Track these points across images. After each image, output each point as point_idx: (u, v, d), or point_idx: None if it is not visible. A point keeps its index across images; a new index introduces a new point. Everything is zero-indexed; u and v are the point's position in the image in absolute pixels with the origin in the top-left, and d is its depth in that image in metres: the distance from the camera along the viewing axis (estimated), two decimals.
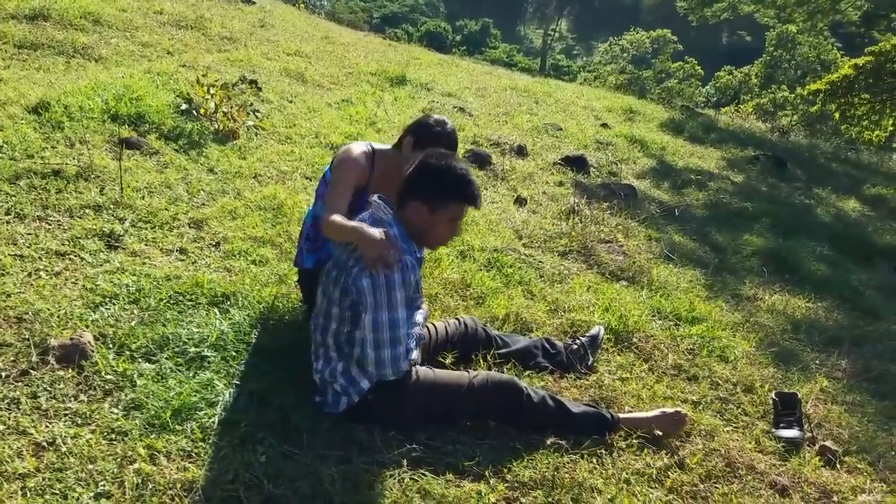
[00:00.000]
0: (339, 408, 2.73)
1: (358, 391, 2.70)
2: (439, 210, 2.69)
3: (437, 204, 2.68)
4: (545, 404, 2.90)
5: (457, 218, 2.76)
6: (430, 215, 2.69)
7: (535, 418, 2.88)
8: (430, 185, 2.68)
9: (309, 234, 3.31)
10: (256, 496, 2.29)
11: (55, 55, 6.40)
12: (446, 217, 2.72)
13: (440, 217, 2.70)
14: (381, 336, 2.58)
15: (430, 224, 2.71)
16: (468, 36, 70.48)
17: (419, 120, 3.24)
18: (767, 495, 2.82)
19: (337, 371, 2.71)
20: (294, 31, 11.32)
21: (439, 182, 2.67)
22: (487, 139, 7.24)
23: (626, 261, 4.95)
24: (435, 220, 2.70)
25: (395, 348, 2.60)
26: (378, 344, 2.59)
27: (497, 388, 2.85)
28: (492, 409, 2.87)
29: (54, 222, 3.58)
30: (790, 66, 42.43)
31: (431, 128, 3.14)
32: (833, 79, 16.29)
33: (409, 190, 2.71)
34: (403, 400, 2.74)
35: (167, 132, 5.00)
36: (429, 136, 3.11)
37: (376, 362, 2.60)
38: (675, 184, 7.56)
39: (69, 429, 2.39)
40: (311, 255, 3.29)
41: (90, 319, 2.91)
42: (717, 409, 3.42)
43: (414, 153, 3.06)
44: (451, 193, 2.69)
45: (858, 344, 4.53)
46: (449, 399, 2.81)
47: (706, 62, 49.47)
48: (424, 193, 2.68)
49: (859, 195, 9.11)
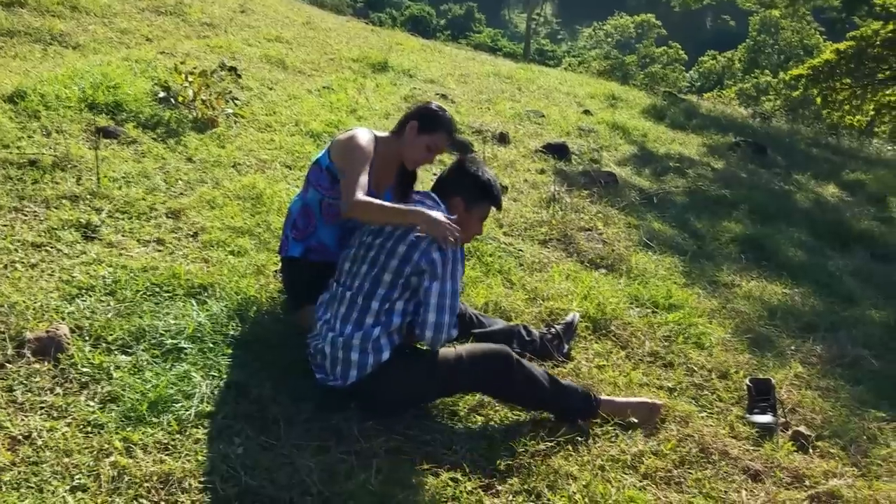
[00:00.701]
0: (347, 380, 2.75)
1: (376, 361, 2.73)
2: (474, 208, 3.02)
3: (474, 202, 3.01)
4: (534, 372, 2.95)
5: (485, 217, 3.10)
6: (465, 211, 2.97)
7: (525, 387, 2.92)
8: (469, 185, 3.00)
9: (296, 223, 3.28)
10: (233, 488, 2.30)
11: (32, 42, 6.33)
12: (478, 215, 3.05)
13: (474, 214, 3.03)
14: (444, 302, 2.75)
15: (465, 219, 2.95)
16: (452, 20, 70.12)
17: (421, 107, 3.28)
18: (740, 480, 2.86)
19: (370, 337, 2.73)
20: (275, 16, 11.22)
21: (477, 183, 3.00)
22: (469, 126, 7.23)
23: (606, 249, 4.99)
24: (469, 216, 2.99)
25: (453, 315, 2.79)
26: (440, 309, 2.75)
27: (486, 355, 2.89)
28: (482, 378, 2.90)
29: (30, 213, 3.56)
30: (773, 50, 42.61)
31: (436, 113, 3.21)
32: (815, 63, 16.39)
33: (449, 186, 3.02)
34: (405, 379, 2.78)
35: (145, 121, 4.97)
36: (434, 121, 3.19)
37: (435, 325, 2.74)
38: (655, 171, 7.59)
39: (45, 422, 2.39)
40: (300, 243, 3.27)
41: (66, 312, 2.90)
42: (693, 395, 3.46)
43: (419, 137, 3.17)
44: (485, 194, 3.02)
45: (833, 329, 4.58)
46: (441, 372, 2.84)
47: (690, 47, 49.54)
48: (463, 191, 2.99)
49: (838, 181, 9.17)
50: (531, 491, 2.58)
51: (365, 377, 2.74)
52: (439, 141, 3.22)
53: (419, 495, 2.45)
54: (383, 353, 2.74)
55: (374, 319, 2.75)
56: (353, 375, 2.74)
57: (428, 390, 2.90)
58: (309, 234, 3.26)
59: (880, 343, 4.48)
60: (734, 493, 2.77)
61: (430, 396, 2.95)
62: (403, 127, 3.20)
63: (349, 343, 2.73)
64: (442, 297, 2.75)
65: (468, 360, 2.85)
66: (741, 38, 46.14)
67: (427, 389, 2.89)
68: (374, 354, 2.73)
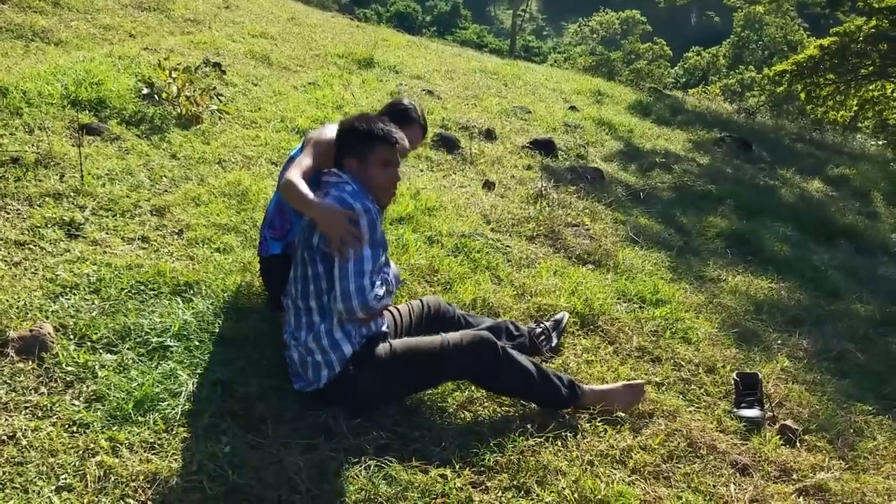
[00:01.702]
0: (320, 382, 2.73)
1: (340, 357, 2.71)
2: (367, 158, 2.84)
3: (363, 153, 2.84)
4: (520, 359, 2.94)
5: (388, 161, 2.88)
6: (361, 166, 2.84)
7: (511, 376, 2.92)
8: (350, 141, 2.86)
9: (273, 222, 3.27)
10: (220, 486, 2.28)
11: (13, 39, 6.27)
12: (375, 162, 2.84)
13: (371, 163, 2.84)
14: (345, 267, 2.65)
15: (367, 173, 2.84)
16: (438, 16, 70.01)
17: (391, 103, 3.30)
18: (728, 474, 2.87)
19: (321, 333, 2.71)
20: (259, 12, 11.15)
21: (356, 134, 2.86)
22: (456, 122, 7.22)
23: (593, 244, 4.99)
24: (367, 167, 2.84)
25: (361, 279, 2.66)
26: (344, 275, 2.65)
27: (472, 343, 2.88)
28: (468, 365, 2.89)
29: (13, 211, 3.52)
30: (757, 46, 42.85)
31: (406, 109, 3.22)
32: (799, 59, 16.45)
33: (338, 153, 2.89)
34: (384, 371, 2.76)
35: (128, 117, 4.92)
36: (402, 118, 3.18)
37: (342, 294, 2.64)
38: (641, 166, 7.61)
39: (30, 422, 2.36)
40: (278, 242, 3.26)
41: (50, 310, 2.87)
42: (680, 389, 3.47)
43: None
44: (368, 138, 2.85)
45: (819, 323, 4.62)
46: (428, 363, 2.84)
47: (675, 43, 49.70)
48: (349, 149, 2.86)
49: (823, 176, 9.24)
50: (520, 487, 2.58)
51: (339, 375, 2.73)
52: (412, 135, 3.22)
53: (408, 492, 2.44)
54: (343, 348, 2.73)
55: (319, 316, 2.74)
56: (325, 376, 2.73)
57: (411, 380, 2.88)
58: (286, 232, 3.25)
59: (865, 337, 4.52)
60: (722, 487, 2.78)
61: (415, 387, 2.93)
62: None
63: (309, 347, 2.73)
64: (357, 263, 2.66)
65: (454, 348, 2.84)
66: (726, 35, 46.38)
67: (410, 380, 2.87)
68: (335, 351, 2.72)
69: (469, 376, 2.98)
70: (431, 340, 2.88)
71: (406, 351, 2.84)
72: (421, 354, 2.84)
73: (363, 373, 2.74)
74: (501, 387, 3.00)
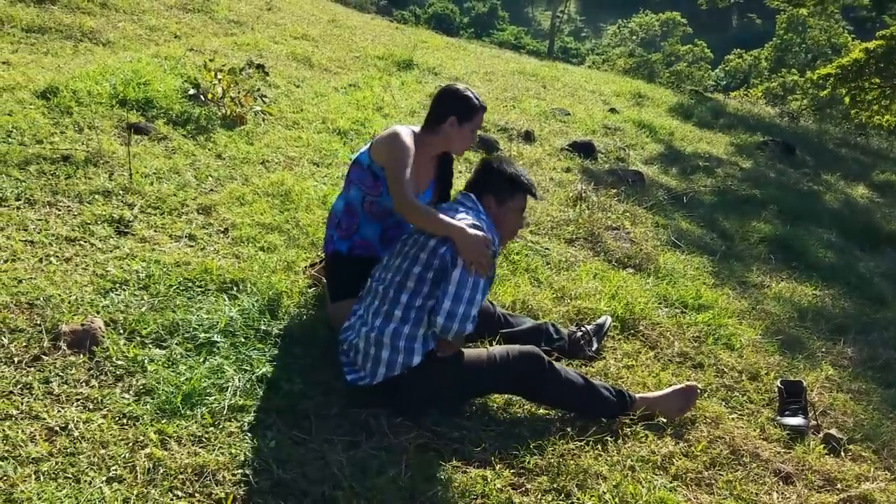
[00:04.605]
0: (375, 377, 2.75)
1: (406, 362, 2.73)
2: (507, 202, 3.00)
3: (505, 197, 3.00)
4: (567, 374, 2.94)
5: (522, 210, 3.09)
6: (498, 208, 2.99)
7: (557, 389, 2.92)
8: (496, 181, 3.00)
9: (340, 223, 3.29)
10: (266, 481, 2.32)
11: (63, 39, 6.41)
12: (513, 208, 3.03)
13: (509, 208, 3.01)
14: (462, 292, 2.71)
15: (500, 215, 2.99)
16: (476, 18, 69.99)
17: (452, 97, 3.21)
18: (771, 482, 2.84)
19: (402, 333, 2.72)
20: (301, 14, 11.28)
21: (503, 177, 3.01)
22: (494, 124, 7.22)
23: (633, 248, 4.96)
24: (503, 211, 3.00)
25: (471, 308, 2.72)
26: (457, 298, 2.70)
27: (519, 358, 2.89)
28: (515, 380, 2.91)
29: (64, 208, 3.61)
30: (801, 49, 42.09)
31: (470, 101, 3.19)
32: (843, 63, 16.15)
33: (478, 187, 3.02)
34: (435, 381, 2.78)
35: (175, 117, 5.01)
36: (470, 109, 3.18)
37: (448, 313, 2.68)
38: (683, 170, 7.54)
39: (81, 414, 2.42)
40: (344, 241, 3.28)
41: (101, 305, 2.94)
42: (723, 396, 3.43)
43: (462, 129, 3.17)
44: (514, 186, 3.01)
45: (865, 332, 4.54)
46: (475, 377, 2.85)
47: (716, 46, 49.11)
48: (492, 189, 3.00)
49: (868, 181, 9.06)
50: (560, 490, 2.57)
51: (393, 377, 2.74)
52: (479, 121, 3.26)
53: (448, 492, 2.46)
54: (414, 356, 2.73)
55: (402, 313, 2.74)
56: (381, 374, 2.74)
57: (459, 392, 2.90)
58: (353, 232, 3.27)
59: None
60: (765, 496, 2.75)
61: (462, 398, 2.94)
62: (439, 122, 3.18)
63: (380, 340, 2.73)
64: (461, 287, 2.70)
65: (500, 363, 2.85)
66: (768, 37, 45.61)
67: (458, 391, 2.89)
68: (405, 355, 2.73)
69: (516, 390, 2.98)
70: (478, 353, 2.89)
71: (453, 361, 2.84)
72: (467, 367, 2.84)
73: (418, 381, 2.75)
74: (549, 400, 3.00)
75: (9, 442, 2.24)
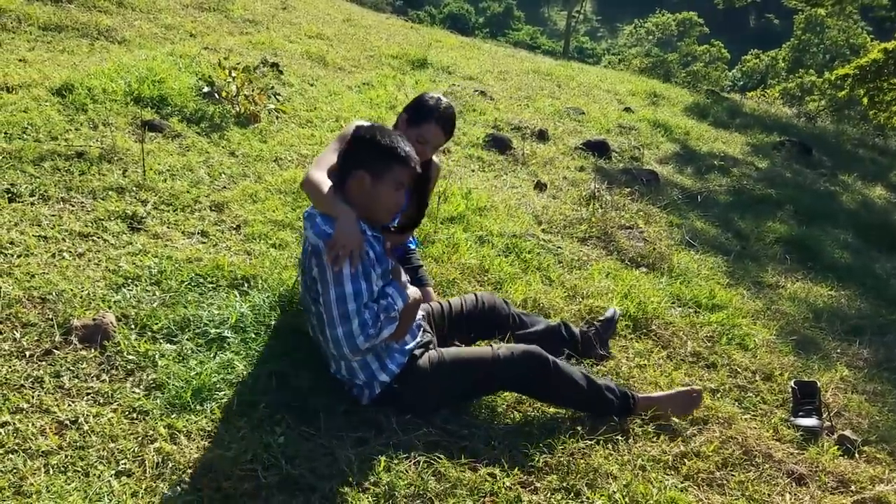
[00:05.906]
0: (363, 400, 2.75)
1: (382, 382, 2.72)
2: (384, 175, 2.64)
3: (382, 169, 2.63)
4: (571, 373, 2.92)
5: (401, 185, 2.70)
6: (372, 185, 2.64)
7: (561, 389, 2.90)
8: (369, 153, 2.64)
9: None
10: (274, 476, 2.32)
11: (79, 37, 6.46)
12: (390, 184, 2.66)
13: (385, 183, 2.65)
14: (332, 313, 2.52)
15: (375, 194, 2.66)
16: (491, 18, 69.97)
17: (416, 98, 3.23)
18: (784, 484, 2.81)
19: (354, 368, 2.70)
20: (316, 13, 11.31)
21: (377, 148, 2.64)
22: (508, 123, 7.20)
23: (647, 247, 4.93)
24: (378, 188, 2.65)
25: (348, 323, 2.51)
26: (331, 322, 2.53)
27: (523, 357, 2.86)
28: (518, 379, 2.89)
29: (78, 204, 3.63)
30: (818, 50, 41.74)
31: (426, 103, 3.14)
32: (862, 63, 15.96)
33: (349, 161, 2.67)
34: (430, 382, 2.76)
35: (189, 115, 5.04)
36: (423, 111, 3.12)
37: (333, 343, 2.54)
38: (698, 169, 7.49)
39: (91, 408, 2.43)
40: None
41: (112, 300, 2.95)
42: (736, 396, 3.40)
43: (409, 130, 3.08)
44: (392, 157, 2.64)
45: (881, 333, 4.49)
46: (478, 375, 2.83)
47: (733, 46, 48.80)
48: (367, 162, 2.64)
49: (886, 182, 8.97)
50: (570, 489, 2.56)
51: (382, 394, 2.72)
52: (427, 133, 3.12)
53: (457, 489, 2.44)
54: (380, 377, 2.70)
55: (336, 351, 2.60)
56: (368, 396, 2.74)
57: (462, 392, 2.88)
58: None
59: None
60: (778, 497, 2.72)
61: (465, 396, 2.92)
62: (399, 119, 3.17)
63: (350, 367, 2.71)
64: (339, 304, 2.51)
65: (504, 362, 2.83)
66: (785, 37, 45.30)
67: (461, 391, 2.87)
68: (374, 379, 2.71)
69: (519, 389, 2.96)
70: (482, 352, 2.87)
71: (455, 361, 2.83)
72: (471, 366, 2.83)
73: (408, 387, 2.73)
74: (553, 399, 2.98)
75: (19, 435, 2.26)
